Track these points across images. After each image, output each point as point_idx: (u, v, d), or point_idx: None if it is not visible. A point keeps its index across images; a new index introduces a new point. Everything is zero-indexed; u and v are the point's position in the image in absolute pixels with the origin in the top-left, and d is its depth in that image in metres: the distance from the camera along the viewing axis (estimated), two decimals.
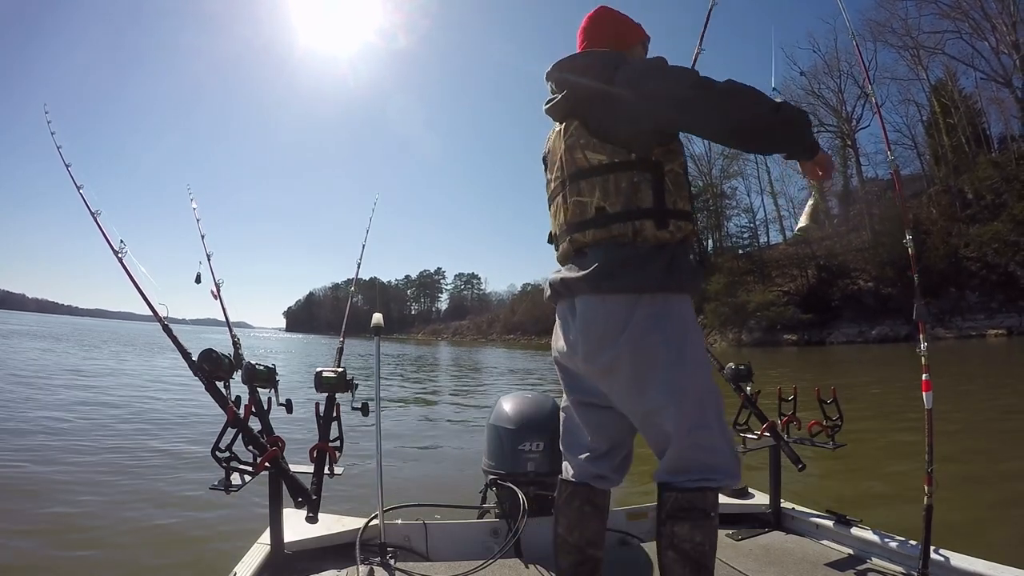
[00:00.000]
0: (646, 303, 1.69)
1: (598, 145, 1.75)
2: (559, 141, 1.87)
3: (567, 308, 1.85)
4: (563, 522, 1.93)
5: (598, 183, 1.75)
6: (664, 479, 1.73)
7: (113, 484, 5.37)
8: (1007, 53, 43.73)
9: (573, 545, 1.91)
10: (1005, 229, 38.88)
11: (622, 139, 1.72)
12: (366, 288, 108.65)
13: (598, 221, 1.74)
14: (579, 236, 1.79)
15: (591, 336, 1.75)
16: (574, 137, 1.80)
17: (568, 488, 1.95)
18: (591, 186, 1.76)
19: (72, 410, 9.26)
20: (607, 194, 1.73)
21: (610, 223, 1.72)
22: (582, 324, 1.77)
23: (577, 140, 1.79)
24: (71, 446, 6.78)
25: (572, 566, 1.91)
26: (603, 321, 1.72)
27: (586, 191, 1.77)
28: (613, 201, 1.72)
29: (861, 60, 3.91)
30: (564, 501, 1.94)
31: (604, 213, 1.73)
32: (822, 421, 2.84)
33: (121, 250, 2.26)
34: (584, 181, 1.77)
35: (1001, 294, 37.51)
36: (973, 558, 2.15)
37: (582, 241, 1.78)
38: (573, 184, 1.80)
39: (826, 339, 41.66)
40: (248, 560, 2.22)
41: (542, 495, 2.72)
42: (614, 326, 1.70)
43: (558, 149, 1.87)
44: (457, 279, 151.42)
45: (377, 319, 2.50)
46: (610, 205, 1.72)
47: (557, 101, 1.87)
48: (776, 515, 2.85)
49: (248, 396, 2.26)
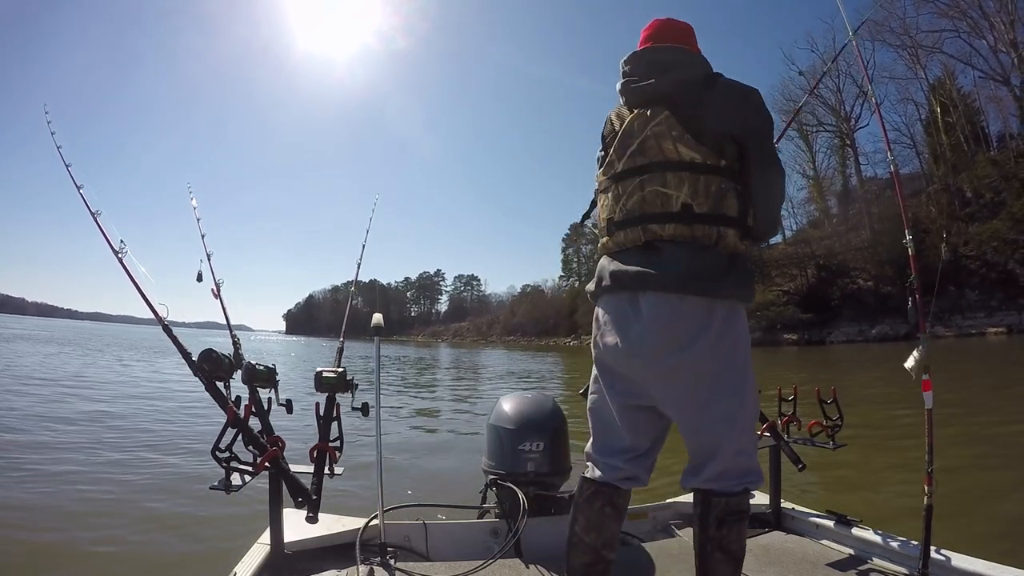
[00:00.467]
0: (721, 310, 1.70)
1: (692, 142, 1.72)
2: (642, 125, 1.80)
3: (626, 303, 1.77)
4: (581, 521, 1.88)
5: (687, 179, 1.71)
6: (710, 486, 1.74)
7: (113, 484, 5.37)
8: (1005, 51, 43.71)
9: (589, 546, 1.87)
10: (1004, 227, 38.85)
11: (712, 141, 1.72)
12: (366, 290, 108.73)
13: (683, 217, 1.70)
14: (656, 228, 1.73)
15: (664, 336, 1.69)
16: (664, 127, 1.75)
17: (591, 488, 1.89)
18: (679, 180, 1.72)
19: (72, 412, 9.26)
20: (696, 193, 1.70)
21: (695, 222, 1.69)
22: (654, 323, 1.70)
23: (668, 130, 1.75)
24: (70, 447, 6.78)
25: (584, 566, 1.88)
26: (680, 322, 1.68)
27: (672, 184, 1.72)
28: (701, 201, 1.70)
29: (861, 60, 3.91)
30: (585, 500, 1.89)
31: (690, 211, 1.70)
32: (822, 421, 2.84)
33: (121, 250, 2.27)
34: (672, 174, 1.73)
35: (1001, 292, 37.48)
36: (973, 558, 2.15)
37: (659, 234, 1.73)
38: (657, 174, 1.74)
39: (826, 338, 41.65)
40: (248, 560, 2.22)
41: (542, 495, 2.73)
42: (689, 328, 1.68)
43: (638, 132, 1.80)
44: (457, 281, 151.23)
45: (377, 319, 2.50)
46: (698, 204, 1.70)
47: (647, 85, 1.82)
48: (776, 515, 2.85)
49: (248, 396, 2.26)
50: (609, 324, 1.83)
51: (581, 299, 74.11)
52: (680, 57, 1.86)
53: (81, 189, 2.38)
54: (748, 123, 1.76)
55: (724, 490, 1.72)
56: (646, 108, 1.81)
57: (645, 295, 1.72)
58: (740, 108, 1.77)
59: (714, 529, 1.69)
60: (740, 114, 1.76)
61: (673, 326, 1.68)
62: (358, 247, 3.24)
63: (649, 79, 1.83)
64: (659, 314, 1.69)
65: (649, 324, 1.71)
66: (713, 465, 1.74)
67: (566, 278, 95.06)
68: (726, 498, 1.71)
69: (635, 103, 1.87)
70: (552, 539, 2.66)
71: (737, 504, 1.72)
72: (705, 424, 1.74)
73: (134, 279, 2.26)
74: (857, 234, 49.14)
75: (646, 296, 1.72)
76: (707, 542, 1.71)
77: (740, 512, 1.72)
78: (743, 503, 1.74)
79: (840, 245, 49.61)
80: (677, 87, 1.79)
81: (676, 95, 1.78)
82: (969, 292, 38.80)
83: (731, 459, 1.73)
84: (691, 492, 1.83)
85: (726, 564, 1.69)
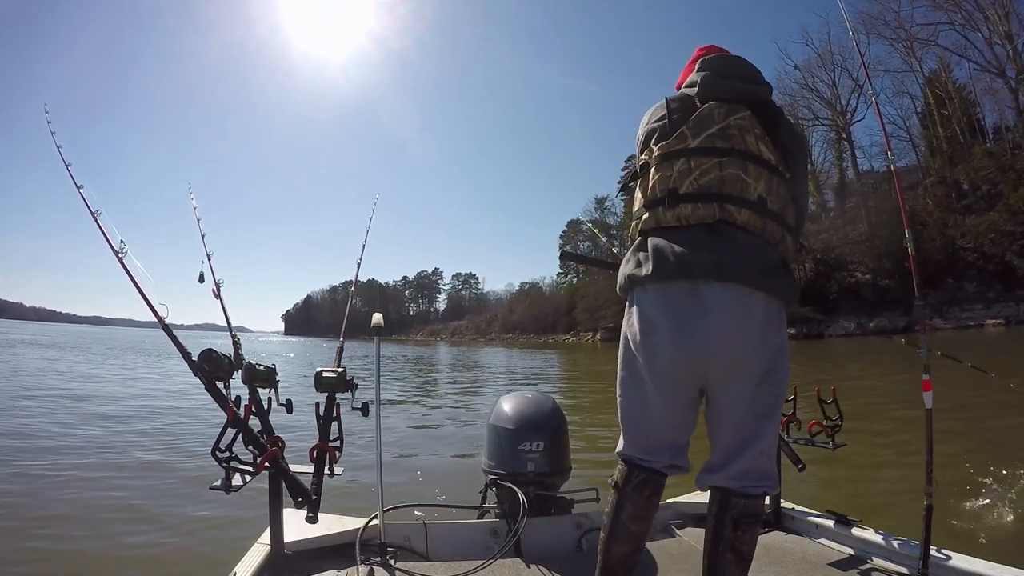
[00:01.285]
0: (777, 309, 1.72)
1: (771, 145, 1.77)
2: (723, 114, 1.78)
3: (687, 294, 1.68)
4: (629, 510, 1.82)
5: (765, 175, 1.74)
6: (732, 484, 1.74)
7: (113, 484, 5.37)
8: (1000, 43, 43.70)
9: (633, 534, 1.84)
10: (1001, 219, 38.86)
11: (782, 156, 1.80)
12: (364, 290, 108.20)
13: (759, 208, 1.71)
14: (734, 209, 1.70)
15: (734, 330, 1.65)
16: (747, 122, 1.77)
17: (642, 475, 1.82)
18: (759, 173, 1.74)
19: (70, 413, 9.26)
20: (771, 189, 1.74)
21: (767, 217, 1.72)
22: (724, 316, 1.64)
23: (752, 127, 1.77)
24: (70, 447, 6.78)
25: (625, 556, 1.85)
26: (749, 317, 1.66)
27: (752, 174, 1.73)
28: (774, 200, 1.74)
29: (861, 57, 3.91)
30: (634, 489, 1.82)
31: (765, 205, 1.72)
32: (822, 421, 2.84)
33: (121, 250, 2.26)
34: (752, 165, 1.74)
35: (999, 284, 37.52)
36: (973, 558, 2.16)
37: (735, 216, 1.69)
38: (739, 160, 1.73)
39: (824, 332, 41.67)
40: (248, 560, 2.22)
41: (542, 495, 2.73)
42: (756, 325, 1.67)
43: (719, 120, 1.78)
44: (455, 279, 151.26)
45: (377, 319, 2.50)
46: (771, 201, 1.73)
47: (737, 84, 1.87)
48: (776, 515, 2.85)
49: (248, 396, 2.25)
50: (662, 319, 1.72)
51: (579, 296, 74.35)
52: (762, 77, 1.95)
53: (81, 189, 2.36)
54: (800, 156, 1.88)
55: (744, 491, 1.72)
56: (724, 103, 1.81)
57: (710, 285, 1.65)
58: (800, 144, 1.89)
59: (729, 530, 1.69)
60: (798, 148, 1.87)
61: (743, 321, 1.65)
62: (356, 247, 3.21)
63: (735, 80, 1.88)
64: (730, 307, 1.64)
65: (718, 317, 1.64)
66: (740, 461, 1.73)
67: (564, 275, 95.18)
68: (745, 500, 1.71)
69: (714, 96, 1.84)
70: (552, 539, 2.67)
71: (755, 507, 1.73)
72: (747, 421, 1.73)
73: (134, 279, 2.25)
74: (854, 228, 49.17)
75: (711, 287, 1.65)
76: (720, 542, 1.70)
77: (756, 515, 1.74)
78: (760, 507, 1.75)
79: (837, 239, 49.58)
80: (760, 98, 1.87)
81: (759, 104, 1.84)
82: (967, 284, 38.85)
83: (757, 458, 1.74)
84: (697, 491, 1.83)
85: (736, 566, 1.69)
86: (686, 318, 1.67)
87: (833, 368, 19.31)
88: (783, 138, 1.80)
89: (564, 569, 2.35)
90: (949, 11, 45.96)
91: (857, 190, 51.64)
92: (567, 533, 2.71)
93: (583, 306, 69.61)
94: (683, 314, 1.67)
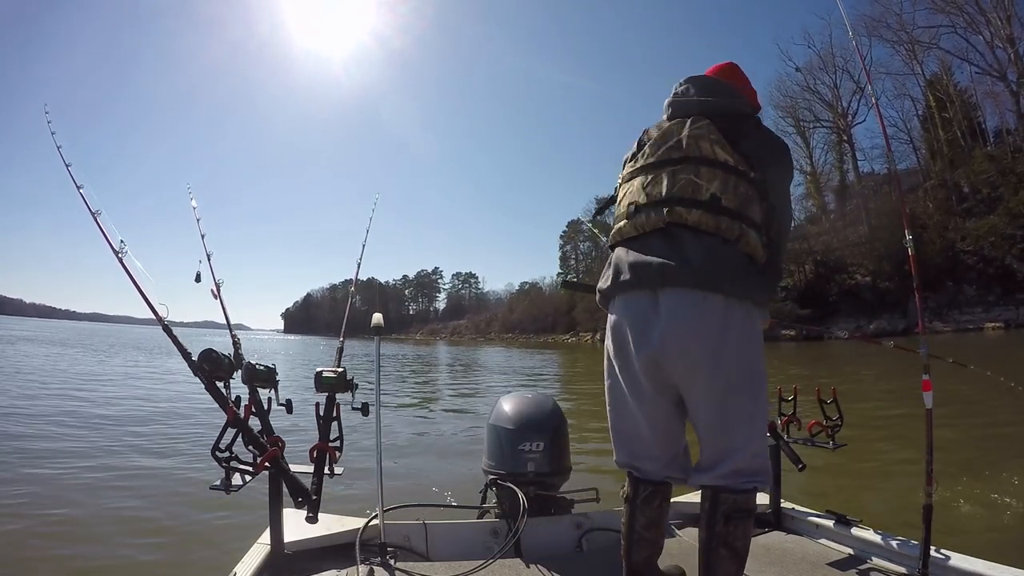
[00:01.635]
0: (740, 310, 1.71)
1: (727, 147, 1.78)
2: (680, 128, 1.86)
3: (646, 303, 1.75)
4: (642, 520, 1.92)
5: (719, 175, 1.76)
6: (724, 483, 1.75)
7: (113, 484, 5.37)
8: (1002, 47, 43.75)
9: (650, 540, 1.94)
10: (1001, 223, 38.92)
11: (746, 158, 1.79)
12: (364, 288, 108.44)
13: (711, 207, 1.72)
14: (683, 211, 1.74)
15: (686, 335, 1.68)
16: (704, 130, 1.82)
17: (649, 488, 1.92)
18: (712, 175, 1.76)
19: (72, 414, 9.26)
20: (725, 188, 1.74)
21: (721, 215, 1.72)
22: (676, 321, 1.69)
23: (708, 133, 1.81)
24: (69, 448, 6.78)
25: (646, 559, 1.95)
26: (702, 321, 1.68)
27: (705, 176, 1.76)
28: (730, 197, 1.74)
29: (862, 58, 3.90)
30: (644, 500, 1.92)
31: (718, 202, 1.72)
32: (822, 421, 2.84)
33: (121, 250, 2.25)
34: (705, 168, 1.77)
35: (998, 287, 37.59)
36: (973, 558, 2.15)
37: (684, 217, 1.73)
38: (691, 165, 1.78)
39: (824, 334, 41.67)
40: (248, 560, 2.22)
41: (542, 495, 2.73)
42: (711, 328, 1.68)
43: (676, 133, 1.86)
44: (455, 279, 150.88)
45: (377, 319, 2.49)
46: (726, 199, 1.74)
47: (693, 99, 1.93)
48: (776, 515, 2.85)
49: (248, 396, 2.25)
50: (628, 329, 1.80)
51: (579, 296, 74.37)
52: (727, 88, 1.96)
53: (81, 189, 2.36)
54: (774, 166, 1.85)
55: (734, 487, 1.73)
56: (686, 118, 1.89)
57: (665, 292, 1.71)
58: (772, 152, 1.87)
59: (721, 525, 1.71)
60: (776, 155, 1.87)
61: (695, 325, 1.68)
62: (356, 246, 3.22)
63: (697, 97, 1.93)
64: (681, 312, 1.69)
65: (670, 322, 1.69)
66: (728, 464, 1.75)
67: (564, 275, 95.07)
68: (735, 495, 1.73)
69: (678, 114, 1.94)
70: (552, 539, 2.67)
71: (745, 501, 1.73)
72: (724, 425, 1.75)
73: (134, 279, 2.25)
74: (855, 230, 49.22)
75: (666, 293, 1.71)
76: (713, 538, 1.72)
77: (747, 510, 1.74)
78: (750, 501, 1.75)
79: (838, 241, 49.67)
80: (720, 109, 1.89)
81: (718, 115, 1.87)
82: (967, 287, 38.94)
83: (746, 460, 1.75)
84: (693, 489, 1.84)
85: (730, 561, 1.71)
86: (647, 325, 1.74)
87: (832, 369, 19.31)
88: (743, 146, 1.80)
89: (564, 569, 2.35)
90: (951, 14, 46.06)
91: (858, 192, 51.68)
92: (567, 533, 2.71)
93: (583, 306, 69.38)
94: (644, 322, 1.75)
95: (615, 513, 2.69)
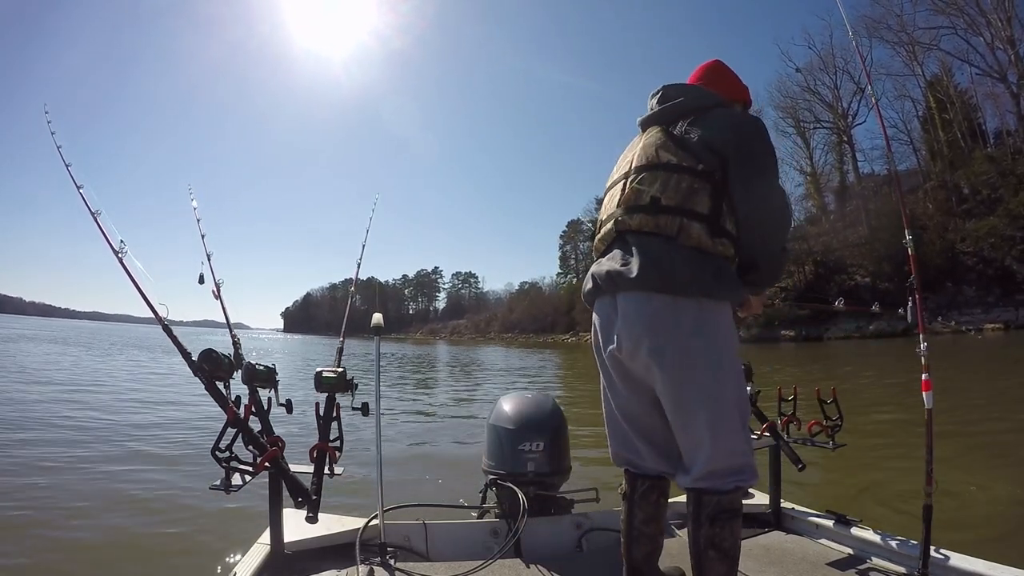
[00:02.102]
0: (691, 308, 1.71)
1: (672, 147, 1.82)
2: (637, 142, 1.96)
3: (609, 305, 1.85)
4: (640, 516, 1.95)
5: (660, 176, 1.80)
6: (702, 484, 1.75)
7: (113, 484, 5.37)
8: (1002, 48, 43.73)
9: (649, 536, 1.96)
10: (1001, 224, 38.93)
11: (694, 151, 1.79)
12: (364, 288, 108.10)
13: (649, 209, 1.78)
14: (626, 218, 1.82)
15: (636, 336, 1.74)
16: (653, 137, 1.88)
17: (647, 483, 1.96)
18: (653, 178, 1.81)
19: (70, 413, 9.25)
20: (666, 188, 1.77)
21: (659, 213, 1.76)
22: (627, 322, 1.76)
23: (656, 140, 1.87)
24: (69, 449, 6.77)
25: (647, 555, 1.97)
26: (648, 321, 1.72)
27: (647, 181, 1.81)
28: (670, 195, 1.76)
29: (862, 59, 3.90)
30: (641, 495, 1.96)
31: (657, 203, 1.77)
32: (822, 421, 2.84)
33: (121, 250, 2.26)
34: (648, 172, 1.83)
35: (998, 288, 37.60)
36: (973, 558, 2.16)
37: (628, 224, 1.82)
38: (637, 174, 1.85)
39: (824, 335, 41.69)
40: (248, 560, 2.22)
41: (542, 495, 2.73)
42: (658, 328, 1.71)
43: (633, 148, 1.96)
44: (455, 278, 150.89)
45: (377, 319, 2.49)
46: (665, 198, 1.77)
47: (651, 114, 1.96)
48: (776, 515, 2.85)
49: (248, 396, 2.25)
50: (599, 329, 1.92)
51: (578, 296, 73.47)
52: (688, 91, 1.95)
53: (81, 189, 2.36)
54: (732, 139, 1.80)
55: (715, 488, 1.73)
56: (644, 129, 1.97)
57: (619, 296, 1.80)
58: (728, 128, 1.82)
59: (707, 527, 1.71)
60: (726, 132, 1.81)
61: (642, 325, 1.74)
62: (356, 246, 3.23)
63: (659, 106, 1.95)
64: (630, 314, 1.76)
65: (623, 324, 1.78)
66: (700, 466, 1.75)
67: (564, 275, 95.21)
68: (718, 496, 1.72)
69: (643, 127, 1.99)
70: (552, 539, 2.67)
71: (729, 502, 1.72)
72: (687, 424, 1.76)
73: (134, 279, 2.25)
74: (854, 230, 49.21)
75: (620, 296, 1.79)
76: (700, 540, 1.72)
77: (732, 510, 1.73)
78: (735, 501, 1.74)
79: (837, 241, 49.66)
80: (673, 112, 1.91)
81: (671, 119, 1.90)
82: (966, 288, 38.93)
83: (719, 459, 1.73)
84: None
85: (720, 562, 1.70)
86: (611, 327, 1.84)
87: (831, 369, 19.30)
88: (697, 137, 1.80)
89: (564, 569, 2.35)
90: (951, 15, 46.06)
91: (858, 193, 51.67)
92: (567, 533, 2.72)
93: (582, 306, 67.99)
94: (609, 324, 1.85)
95: (615, 513, 2.69)
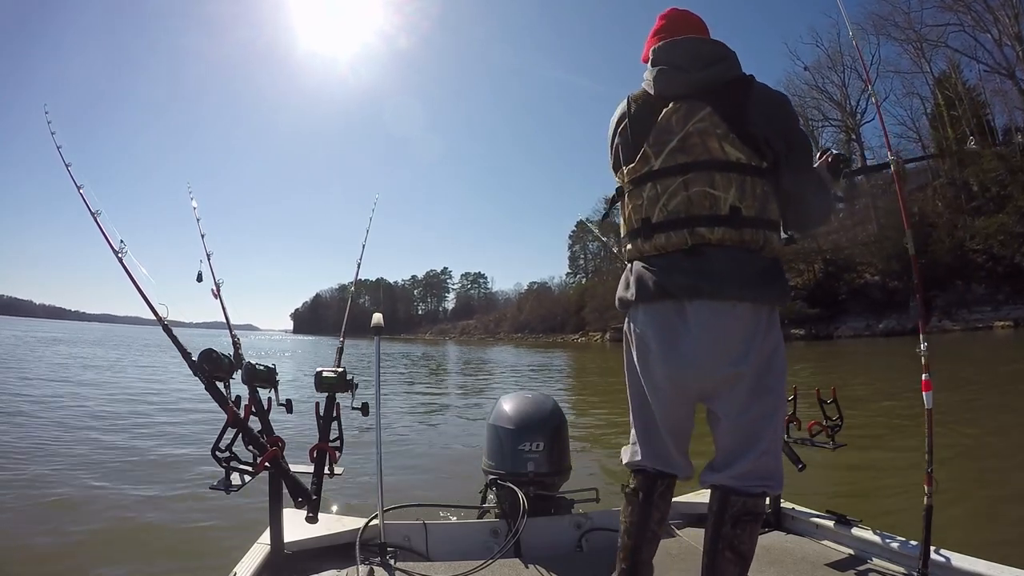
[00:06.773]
0: (767, 314, 1.72)
1: (737, 142, 1.69)
2: (681, 120, 1.74)
3: (673, 313, 1.73)
4: (656, 516, 1.89)
5: (735, 180, 1.69)
6: (734, 484, 1.73)
7: (113, 484, 5.40)
8: (1010, 45, 43.33)
9: (658, 535, 1.92)
10: (1010, 221, 38.60)
11: (753, 143, 1.70)
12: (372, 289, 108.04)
13: (732, 221, 1.67)
14: (705, 231, 1.69)
15: (718, 346, 1.68)
16: (708, 123, 1.71)
17: (666, 483, 1.91)
18: (727, 182, 1.69)
19: (73, 411, 9.32)
20: (743, 195, 1.68)
21: (743, 226, 1.68)
22: (708, 333, 1.68)
23: (712, 128, 1.70)
24: (69, 448, 6.82)
25: (651, 556, 1.92)
26: (733, 331, 1.68)
27: (720, 185, 1.69)
28: (749, 204, 1.69)
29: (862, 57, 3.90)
30: (660, 495, 1.90)
31: (739, 215, 1.67)
32: (822, 421, 2.83)
33: (121, 250, 2.27)
34: (719, 174, 1.69)
35: (1007, 286, 37.28)
36: (973, 558, 2.14)
37: (708, 237, 1.69)
38: (704, 173, 1.70)
39: (833, 333, 41.51)
40: (248, 560, 2.23)
41: (542, 495, 2.73)
42: (742, 337, 1.69)
43: (677, 128, 1.75)
44: (464, 279, 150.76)
45: (377, 319, 2.49)
46: (746, 208, 1.68)
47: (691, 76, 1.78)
48: (776, 515, 2.84)
49: (248, 396, 2.26)
50: (652, 339, 1.79)
51: (588, 296, 73.99)
52: (722, 52, 1.81)
53: (81, 189, 2.38)
54: (790, 128, 1.77)
55: (744, 489, 1.72)
56: (683, 101, 1.76)
57: (693, 304, 1.69)
58: (780, 113, 1.78)
59: (728, 527, 1.69)
60: (781, 119, 1.77)
61: (727, 335, 1.68)
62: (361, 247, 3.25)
63: (691, 70, 1.78)
64: (712, 324, 1.68)
65: (702, 334, 1.69)
66: (743, 463, 1.73)
67: (573, 275, 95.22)
68: (744, 498, 1.71)
69: (672, 93, 1.80)
70: (552, 539, 2.67)
71: (754, 505, 1.72)
72: (745, 425, 1.74)
73: (134, 279, 2.27)
74: (864, 228, 48.88)
75: (694, 305, 1.69)
76: (719, 539, 1.70)
77: (756, 514, 1.73)
78: (760, 505, 1.74)
79: (847, 240, 49.32)
80: (721, 83, 1.76)
81: (720, 91, 1.75)
82: (976, 286, 38.62)
83: (760, 459, 1.73)
84: (700, 489, 1.83)
85: (734, 564, 1.69)
86: (674, 336, 1.73)
87: (836, 367, 19.22)
88: (753, 125, 1.71)
89: (564, 569, 2.35)
90: (959, 12, 45.71)
91: (867, 191, 51.34)
92: (567, 533, 2.71)
93: (592, 306, 69.12)
94: (671, 333, 1.74)
95: (615, 513, 2.68)
